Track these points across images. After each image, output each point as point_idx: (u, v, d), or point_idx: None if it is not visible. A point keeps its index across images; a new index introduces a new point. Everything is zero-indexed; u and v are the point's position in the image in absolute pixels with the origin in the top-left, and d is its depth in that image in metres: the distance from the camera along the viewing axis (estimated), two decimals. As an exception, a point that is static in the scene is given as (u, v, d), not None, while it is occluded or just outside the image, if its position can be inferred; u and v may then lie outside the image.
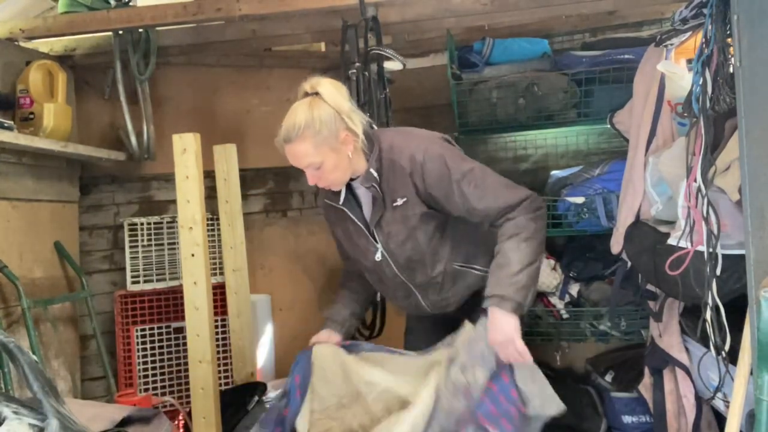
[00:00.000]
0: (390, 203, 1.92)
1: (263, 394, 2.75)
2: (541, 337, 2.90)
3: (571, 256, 2.96)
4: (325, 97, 1.83)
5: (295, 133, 1.82)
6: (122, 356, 3.17)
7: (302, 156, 1.85)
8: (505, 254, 1.82)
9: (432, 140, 1.95)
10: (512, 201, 1.85)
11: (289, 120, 1.85)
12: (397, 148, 1.90)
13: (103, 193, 3.33)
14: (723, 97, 1.53)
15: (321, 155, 1.84)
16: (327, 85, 1.86)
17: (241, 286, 3.07)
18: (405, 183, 1.89)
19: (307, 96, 1.87)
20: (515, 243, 1.81)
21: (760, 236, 1.31)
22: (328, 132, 1.82)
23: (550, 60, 3.04)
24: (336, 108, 1.83)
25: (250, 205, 3.47)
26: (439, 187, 1.87)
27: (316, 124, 1.81)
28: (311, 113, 1.82)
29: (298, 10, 2.70)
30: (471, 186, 1.85)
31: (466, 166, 1.88)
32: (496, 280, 1.82)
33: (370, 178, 1.90)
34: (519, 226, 1.83)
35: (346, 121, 1.84)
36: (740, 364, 1.45)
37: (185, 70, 3.37)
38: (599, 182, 2.74)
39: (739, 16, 1.37)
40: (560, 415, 1.93)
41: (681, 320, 2.22)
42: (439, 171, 1.86)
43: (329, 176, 1.89)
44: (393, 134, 2.00)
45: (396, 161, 1.88)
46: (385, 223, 1.95)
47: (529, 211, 1.85)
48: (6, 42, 2.84)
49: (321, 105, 1.83)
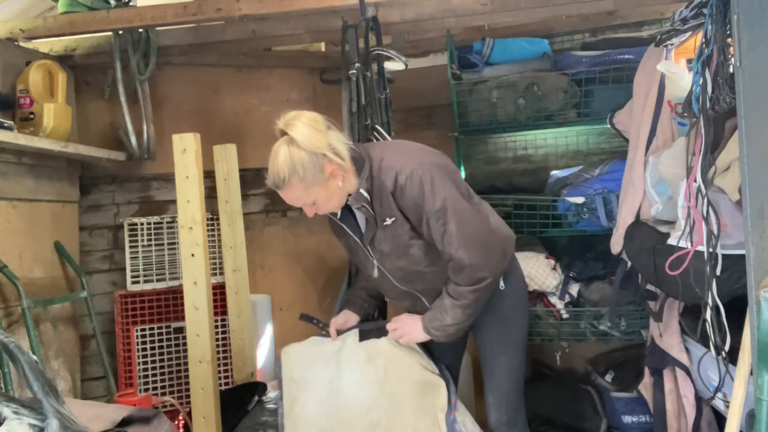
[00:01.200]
0: (381, 222, 1.92)
1: (263, 394, 2.75)
2: (541, 337, 2.90)
3: (571, 256, 2.96)
4: (298, 140, 1.79)
5: (281, 182, 1.83)
6: (122, 356, 3.17)
7: (294, 200, 1.88)
8: (444, 308, 1.97)
9: (421, 162, 1.87)
10: (462, 259, 1.87)
11: (272, 168, 1.84)
12: (385, 168, 1.88)
13: (103, 193, 3.34)
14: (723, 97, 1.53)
15: (312, 195, 1.86)
16: (299, 128, 1.80)
17: (241, 286, 3.07)
18: (390, 202, 1.89)
19: (284, 135, 1.84)
20: (451, 303, 1.95)
21: (760, 236, 1.31)
22: (313, 173, 1.81)
23: (550, 60, 3.04)
24: (313, 150, 1.79)
25: (250, 205, 3.47)
26: (413, 212, 1.88)
27: (299, 170, 1.79)
28: (291, 160, 1.79)
29: (298, 10, 2.70)
30: (437, 222, 1.86)
31: (439, 203, 1.84)
32: (432, 315, 2.02)
33: (360, 198, 1.89)
34: (460, 294, 1.93)
35: (329, 156, 1.82)
36: (740, 364, 1.45)
37: (185, 70, 3.37)
38: (599, 182, 2.74)
39: (739, 16, 1.37)
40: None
41: (681, 320, 2.22)
42: (416, 199, 1.85)
43: (325, 207, 1.92)
44: (384, 151, 1.95)
45: (383, 181, 1.88)
46: (378, 242, 1.97)
47: (472, 282, 1.90)
48: (6, 42, 2.84)
49: (296, 149, 1.80)
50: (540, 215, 2.89)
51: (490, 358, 2.13)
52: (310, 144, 1.79)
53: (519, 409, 2.17)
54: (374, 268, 2.04)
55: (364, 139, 2.63)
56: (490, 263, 1.91)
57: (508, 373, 2.12)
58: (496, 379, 2.13)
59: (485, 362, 2.15)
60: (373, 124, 2.63)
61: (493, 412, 2.15)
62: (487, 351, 2.13)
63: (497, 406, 2.13)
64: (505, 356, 2.12)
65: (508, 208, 2.93)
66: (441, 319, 1.98)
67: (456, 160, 3.21)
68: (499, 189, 3.00)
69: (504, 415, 2.13)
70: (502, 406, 2.13)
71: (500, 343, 2.11)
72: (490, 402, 2.15)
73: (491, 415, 2.16)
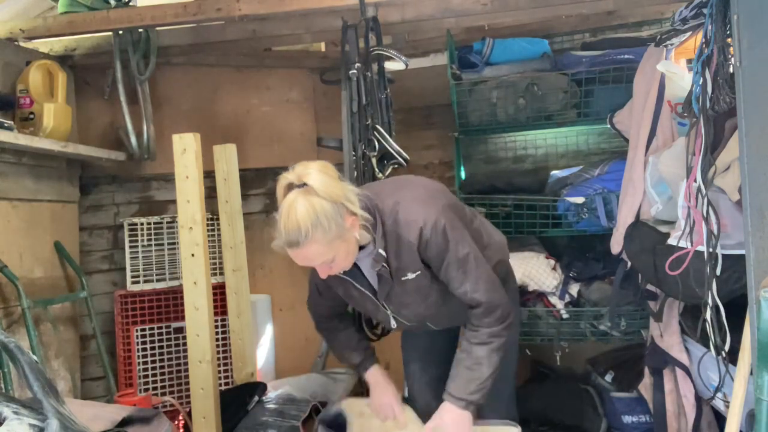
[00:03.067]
0: (399, 278, 1.84)
1: (263, 394, 2.75)
2: (541, 337, 2.90)
3: (571, 256, 2.96)
4: (317, 189, 1.64)
5: (303, 237, 1.63)
6: (122, 356, 3.17)
7: (315, 257, 1.70)
8: (477, 360, 1.85)
9: (440, 209, 1.80)
10: (485, 300, 1.83)
11: (290, 223, 1.64)
12: (404, 222, 1.77)
13: (103, 193, 3.34)
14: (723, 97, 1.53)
15: (334, 250, 1.70)
16: (316, 174, 1.67)
17: (241, 286, 3.07)
18: (414, 259, 1.80)
19: (294, 188, 1.67)
20: (487, 351, 1.85)
21: (760, 236, 1.31)
22: (336, 225, 1.65)
23: (550, 60, 3.04)
24: (333, 197, 1.66)
25: (250, 205, 3.47)
26: (435, 260, 1.83)
27: (323, 221, 1.63)
28: (313, 211, 1.62)
29: (298, 10, 2.70)
30: (459, 271, 1.81)
31: (463, 250, 1.80)
32: (464, 382, 1.86)
33: (380, 258, 1.78)
34: (492, 335, 1.85)
35: (347, 206, 1.69)
36: (740, 364, 1.45)
37: (185, 70, 3.37)
38: (599, 182, 2.74)
39: (739, 16, 1.37)
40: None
41: (681, 320, 2.22)
42: (440, 248, 1.79)
43: (343, 264, 1.78)
44: (394, 200, 1.82)
45: (402, 236, 1.77)
46: (395, 296, 1.90)
47: (500, 321, 1.85)
48: (6, 42, 2.84)
49: (318, 198, 1.64)
50: (540, 215, 2.89)
51: None
52: (330, 192, 1.65)
53: (511, 409, 2.18)
54: (389, 318, 1.99)
55: (365, 139, 2.63)
56: (506, 301, 1.89)
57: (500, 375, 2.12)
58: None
59: None
60: (374, 124, 2.63)
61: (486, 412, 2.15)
62: None
63: (489, 407, 2.14)
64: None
65: (508, 208, 2.93)
66: (478, 377, 1.85)
67: (456, 160, 3.22)
68: (499, 189, 3.00)
69: (496, 414, 2.13)
70: (494, 405, 2.13)
71: None
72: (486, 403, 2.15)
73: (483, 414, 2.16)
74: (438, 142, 3.54)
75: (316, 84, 3.49)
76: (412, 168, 3.46)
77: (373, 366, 2.17)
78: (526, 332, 2.83)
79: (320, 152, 3.43)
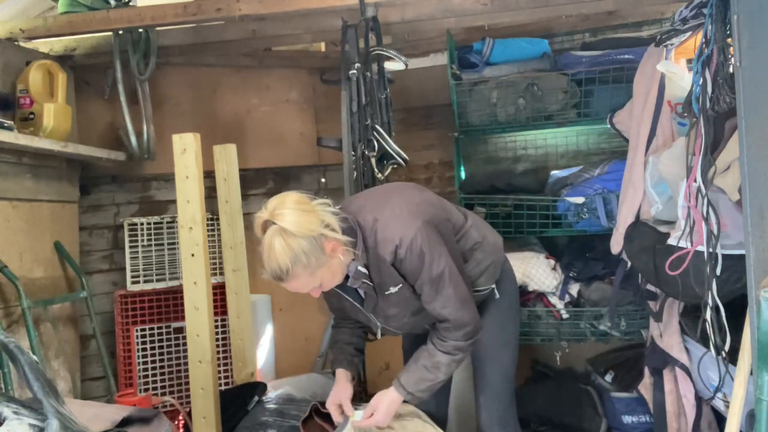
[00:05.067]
0: (382, 292, 1.89)
1: (263, 394, 2.75)
2: (541, 337, 2.90)
3: (571, 256, 2.96)
4: (289, 228, 1.67)
5: (285, 274, 1.71)
6: (122, 356, 3.17)
7: (301, 287, 1.79)
8: (436, 365, 1.91)
9: (417, 228, 1.80)
10: (455, 318, 1.86)
11: (270, 261, 1.70)
12: (382, 241, 1.81)
13: (103, 193, 3.34)
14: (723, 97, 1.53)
15: (318, 278, 1.77)
16: (288, 216, 1.69)
17: (241, 286, 3.07)
18: (392, 273, 1.85)
19: (272, 225, 1.70)
20: (448, 360, 1.91)
21: (760, 236, 1.31)
22: (316, 256, 1.71)
23: (550, 60, 3.04)
24: (308, 233, 1.69)
25: (250, 205, 3.46)
26: (410, 276, 1.86)
27: (302, 257, 1.69)
28: (290, 250, 1.67)
29: (298, 10, 2.70)
30: (431, 288, 1.84)
31: (438, 268, 1.82)
32: (418, 379, 1.93)
33: (360, 275, 1.84)
34: (457, 348, 1.90)
35: (325, 234, 1.72)
36: (740, 364, 1.45)
37: (185, 70, 3.38)
38: (599, 182, 2.74)
39: (739, 16, 1.37)
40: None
41: (681, 320, 2.22)
42: (414, 266, 1.82)
43: (330, 284, 1.85)
44: (374, 215, 1.85)
45: (380, 255, 1.82)
46: (381, 309, 1.95)
47: (467, 337, 1.89)
48: (6, 42, 2.84)
49: (293, 238, 1.68)
50: (540, 215, 2.89)
51: (483, 360, 2.14)
52: (304, 230, 1.68)
53: (510, 409, 2.18)
54: (377, 328, 2.03)
55: (365, 139, 2.63)
56: (476, 320, 1.92)
57: (500, 373, 2.13)
58: (488, 379, 2.14)
59: (478, 364, 2.15)
60: (373, 124, 2.63)
61: (485, 412, 2.15)
62: (481, 353, 2.13)
63: (489, 407, 2.14)
64: (497, 358, 2.13)
65: (508, 208, 2.93)
66: (432, 378, 1.92)
67: (456, 160, 3.22)
68: (499, 189, 3.00)
69: (495, 415, 2.14)
70: (494, 406, 2.14)
71: (493, 346, 2.12)
72: (481, 402, 2.16)
73: (482, 415, 2.16)
74: (438, 142, 3.54)
75: (316, 84, 3.50)
76: (412, 168, 3.47)
77: (348, 369, 2.16)
78: (526, 332, 2.84)
79: (320, 152, 3.43)
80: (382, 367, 3.46)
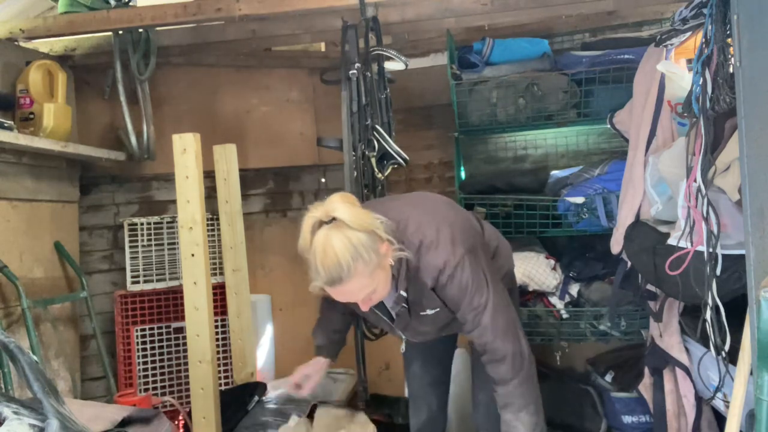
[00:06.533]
0: (417, 313, 1.84)
1: (263, 394, 2.75)
2: (541, 337, 2.90)
3: (571, 256, 2.96)
4: (348, 221, 1.59)
5: (345, 272, 1.59)
6: (122, 356, 3.17)
7: (358, 290, 1.66)
8: (510, 426, 1.81)
9: (460, 253, 1.74)
10: (498, 348, 1.79)
11: (328, 260, 1.58)
12: (424, 264, 1.73)
13: (103, 193, 3.34)
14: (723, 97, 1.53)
15: (375, 280, 1.66)
16: (342, 206, 1.62)
17: (241, 286, 3.07)
18: (431, 296, 1.79)
19: (323, 224, 1.62)
20: (513, 415, 1.80)
21: (760, 236, 1.31)
22: (375, 253, 1.61)
23: (550, 60, 3.04)
24: (365, 227, 1.61)
25: (250, 205, 3.47)
26: (450, 303, 1.80)
27: (363, 252, 1.58)
28: (350, 244, 1.58)
29: (298, 10, 2.70)
30: (474, 315, 1.78)
31: (482, 299, 1.76)
32: None
33: (400, 300, 1.79)
34: (509, 395, 1.80)
35: (378, 233, 1.64)
36: (740, 364, 1.45)
37: (185, 70, 3.38)
38: (599, 182, 2.74)
39: (739, 16, 1.37)
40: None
41: (681, 320, 2.22)
42: (457, 295, 1.77)
43: (382, 293, 1.74)
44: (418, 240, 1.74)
45: (420, 278, 1.75)
46: (412, 327, 1.92)
47: (514, 374, 1.79)
48: (6, 42, 2.84)
49: (351, 231, 1.59)
50: (540, 215, 2.89)
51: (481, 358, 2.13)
52: (361, 222, 1.60)
53: None
54: (402, 341, 2.02)
55: (365, 139, 2.62)
56: (522, 349, 1.84)
57: None
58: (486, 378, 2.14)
59: (476, 362, 2.15)
60: (374, 124, 2.63)
61: (482, 411, 2.15)
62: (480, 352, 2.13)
63: (486, 405, 2.13)
64: None
65: (508, 208, 2.93)
66: None
67: (456, 160, 3.22)
68: (499, 189, 2.99)
69: (493, 414, 2.13)
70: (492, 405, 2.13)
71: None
72: (479, 400, 2.16)
73: (479, 413, 2.17)
74: (438, 142, 3.54)
75: (316, 84, 3.50)
76: (412, 168, 3.47)
77: (328, 357, 2.20)
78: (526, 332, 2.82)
79: (320, 152, 3.43)
80: (382, 367, 3.46)
